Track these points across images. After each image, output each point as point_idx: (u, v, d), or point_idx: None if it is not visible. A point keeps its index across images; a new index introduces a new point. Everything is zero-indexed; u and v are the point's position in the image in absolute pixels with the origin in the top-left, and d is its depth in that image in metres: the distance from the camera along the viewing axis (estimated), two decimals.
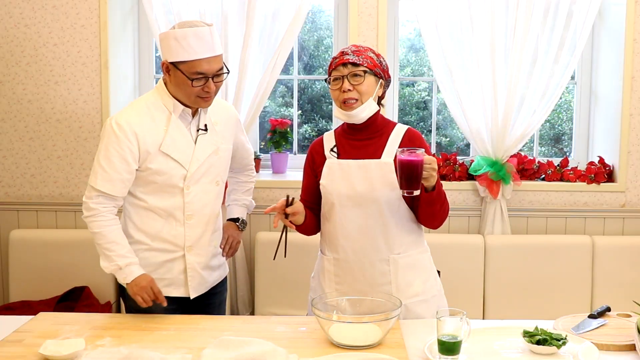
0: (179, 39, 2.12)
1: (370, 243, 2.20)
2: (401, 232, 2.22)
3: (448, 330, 1.79)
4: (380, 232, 2.19)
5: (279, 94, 4.05)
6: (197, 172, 2.25)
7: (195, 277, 2.32)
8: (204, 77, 2.15)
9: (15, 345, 1.90)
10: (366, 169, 2.19)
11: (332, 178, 2.23)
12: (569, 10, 3.43)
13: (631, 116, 3.55)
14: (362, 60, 2.17)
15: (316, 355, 1.82)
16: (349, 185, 2.19)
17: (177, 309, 2.30)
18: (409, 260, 2.23)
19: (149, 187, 2.23)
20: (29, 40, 3.50)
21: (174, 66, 2.16)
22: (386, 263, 2.21)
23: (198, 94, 2.17)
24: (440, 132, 4.00)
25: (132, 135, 2.16)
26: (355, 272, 2.22)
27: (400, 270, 2.21)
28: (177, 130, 2.23)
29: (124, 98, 3.67)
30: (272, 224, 3.57)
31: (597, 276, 3.49)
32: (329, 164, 2.25)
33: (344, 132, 2.29)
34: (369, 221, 2.19)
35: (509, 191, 3.53)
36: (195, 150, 2.25)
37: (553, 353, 1.85)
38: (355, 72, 2.16)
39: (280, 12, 3.42)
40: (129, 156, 2.17)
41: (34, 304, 3.37)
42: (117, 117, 2.20)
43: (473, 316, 3.23)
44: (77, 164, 3.58)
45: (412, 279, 2.23)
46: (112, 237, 2.18)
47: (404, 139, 2.22)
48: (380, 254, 2.20)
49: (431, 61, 3.48)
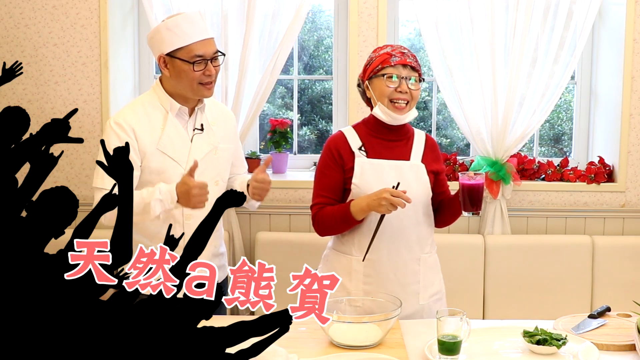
0: (171, 28, 2.15)
1: (406, 243, 2.24)
2: (429, 232, 2.31)
3: (448, 330, 1.79)
4: (414, 232, 2.25)
5: (279, 95, 4.05)
6: (196, 171, 2.25)
7: None
8: (203, 60, 2.16)
9: None
10: (400, 169, 2.22)
11: (366, 178, 2.21)
12: (569, 10, 3.42)
13: (631, 116, 3.55)
14: (419, 67, 2.26)
15: (316, 355, 1.82)
16: (383, 186, 2.15)
17: None
18: (433, 259, 2.34)
19: (147, 187, 2.22)
20: (29, 40, 3.50)
21: (171, 57, 2.17)
22: (417, 262, 2.26)
23: (200, 79, 2.17)
24: (440, 132, 4.00)
25: (130, 132, 2.18)
26: (387, 272, 2.24)
27: (427, 269, 2.29)
28: (174, 129, 2.23)
29: (124, 98, 3.67)
30: (272, 224, 3.60)
31: (597, 276, 3.49)
32: (359, 162, 2.22)
33: (371, 131, 2.27)
34: (404, 221, 2.21)
35: (509, 191, 3.53)
36: (191, 149, 2.24)
37: (553, 353, 1.85)
38: (414, 77, 2.22)
39: (280, 12, 3.42)
40: (131, 151, 2.16)
41: None
42: (115, 117, 2.23)
43: (473, 316, 3.23)
44: (77, 164, 3.58)
45: (434, 278, 2.33)
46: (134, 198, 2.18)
47: (426, 144, 2.33)
48: (413, 253, 2.26)
49: (431, 61, 3.48)
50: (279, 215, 3.59)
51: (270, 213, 3.57)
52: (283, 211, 3.58)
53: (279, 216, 3.59)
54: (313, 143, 4.00)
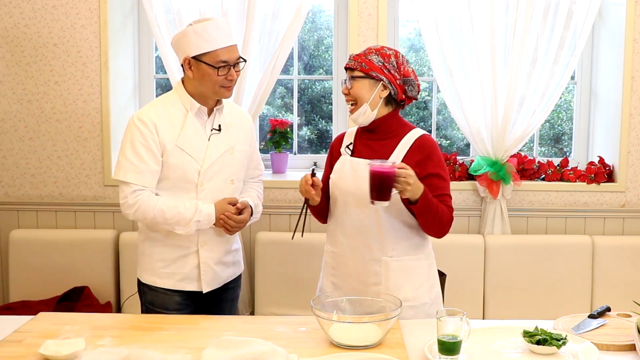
0: (199, 32, 2.22)
1: (365, 242, 2.24)
2: (397, 236, 2.24)
3: (448, 330, 1.79)
4: (375, 233, 2.22)
5: (279, 95, 4.05)
6: (211, 169, 2.30)
7: (208, 272, 2.36)
8: (227, 66, 2.24)
9: (15, 345, 1.90)
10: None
11: (341, 175, 2.28)
12: (569, 10, 3.43)
13: (631, 116, 3.55)
14: (356, 64, 2.23)
15: (316, 355, 1.82)
16: (354, 184, 2.22)
17: (190, 304, 2.37)
18: (402, 264, 2.25)
19: (164, 183, 2.29)
20: (29, 40, 3.50)
21: (196, 60, 2.24)
22: (378, 264, 2.24)
23: (222, 83, 2.26)
24: (440, 132, 4.00)
25: (153, 127, 2.25)
26: (349, 268, 2.28)
27: (391, 273, 2.24)
28: (192, 127, 2.30)
29: (124, 98, 3.67)
30: (272, 224, 3.60)
31: (597, 276, 3.49)
32: (341, 160, 2.32)
33: (360, 132, 2.35)
34: (365, 221, 2.22)
35: (509, 191, 3.53)
36: (208, 148, 2.30)
37: (553, 353, 1.85)
38: (351, 76, 2.24)
39: (280, 12, 3.42)
40: (154, 147, 2.24)
41: (34, 304, 3.37)
42: (138, 113, 2.29)
43: (473, 316, 3.23)
44: (77, 164, 3.58)
45: (403, 284, 2.24)
46: (170, 205, 2.24)
47: (413, 145, 2.22)
48: (373, 254, 2.24)
49: (431, 61, 3.48)
50: (279, 215, 3.59)
51: (270, 213, 3.58)
52: (283, 211, 3.58)
53: (279, 216, 3.59)
54: (313, 143, 4.00)
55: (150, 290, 2.37)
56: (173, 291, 2.34)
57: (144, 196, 2.23)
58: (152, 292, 2.36)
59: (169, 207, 2.23)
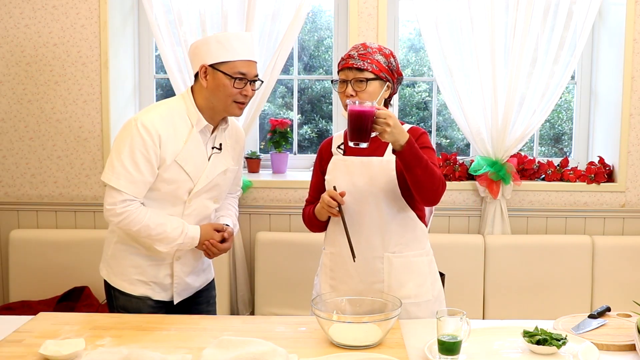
0: (222, 41, 2.16)
1: (366, 239, 2.21)
2: (398, 231, 2.22)
3: (448, 330, 1.79)
4: (377, 229, 2.20)
5: (279, 95, 4.05)
6: (204, 188, 2.26)
7: (180, 283, 2.33)
8: (244, 79, 2.17)
9: (15, 345, 1.90)
10: (368, 165, 2.20)
11: (335, 174, 2.25)
12: (569, 10, 3.43)
13: (631, 116, 3.55)
14: (367, 65, 2.15)
15: (316, 355, 1.82)
16: (350, 181, 2.21)
17: (163, 306, 2.33)
18: (404, 260, 2.23)
19: (153, 194, 2.21)
20: (29, 40, 3.50)
21: (213, 68, 2.16)
22: (380, 261, 2.22)
23: (235, 97, 2.18)
24: (441, 132, 4.00)
25: (157, 139, 2.14)
26: (348, 267, 2.24)
27: (393, 270, 2.22)
28: (195, 145, 2.22)
29: (124, 98, 3.67)
30: (272, 224, 3.60)
31: (597, 276, 3.49)
32: (334, 160, 2.28)
33: None
34: (366, 218, 2.20)
35: (509, 191, 3.53)
36: (207, 168, 2.25)
37: (553, 353, 1.85)
38: (359, 78, 2.16)
39: (280, 12, 3.42)
40: (153, 159, 2.15)
41: (34, 304, 3.37)
42: (143, 118, 2.16)
43: (473, 316, 3.23)
44: (77, 164, 3.58)
45: (406, 281, 2.23)
46: (156, 221, 2.17)
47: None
48: (375, 251, 2.22)
49: (431, 61, 3.48)
50: (279, 215, 3.59)
51: (270, 213, 3.58)
52: (283, 211, 3.58)
53: (279, 216, 3.59)
54: (313, 143, 4.00)
55: (122, 295, 2.30)
56: (146, 297, 2.29)
57: (133, 208, 2.14)
58: (124, 297, 2.30)
59: (155, 224, 2.16)
